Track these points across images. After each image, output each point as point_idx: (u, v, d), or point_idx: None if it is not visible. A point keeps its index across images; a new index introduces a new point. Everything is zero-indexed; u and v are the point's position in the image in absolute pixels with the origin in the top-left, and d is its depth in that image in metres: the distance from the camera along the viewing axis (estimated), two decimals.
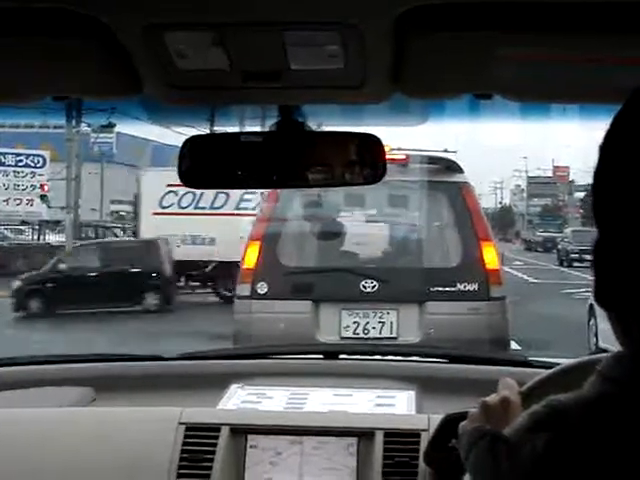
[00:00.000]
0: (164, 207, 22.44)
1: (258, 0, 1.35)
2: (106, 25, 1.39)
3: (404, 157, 7.90)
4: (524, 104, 1.84)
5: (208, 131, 2.02)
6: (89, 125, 37.74)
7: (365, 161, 1.90)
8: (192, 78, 1.62)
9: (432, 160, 8.28)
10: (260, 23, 1.41)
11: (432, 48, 1.47)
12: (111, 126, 38.64)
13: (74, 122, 31.99)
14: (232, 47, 1.49)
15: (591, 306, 13.25)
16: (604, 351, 1.95)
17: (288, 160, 1.89)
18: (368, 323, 7.52)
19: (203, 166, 1.92)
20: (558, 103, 1.80)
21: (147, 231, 22.54)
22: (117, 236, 34.91)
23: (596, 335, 12.73)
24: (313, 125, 1.88)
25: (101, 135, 41.52)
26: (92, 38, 1.44)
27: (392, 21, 1.36)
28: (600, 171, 1.05)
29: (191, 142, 1.90)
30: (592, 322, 13.19)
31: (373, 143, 1.88)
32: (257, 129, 1.98)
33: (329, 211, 8.16)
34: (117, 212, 49.73)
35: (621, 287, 1.00)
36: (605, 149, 1.05)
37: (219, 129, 2.03)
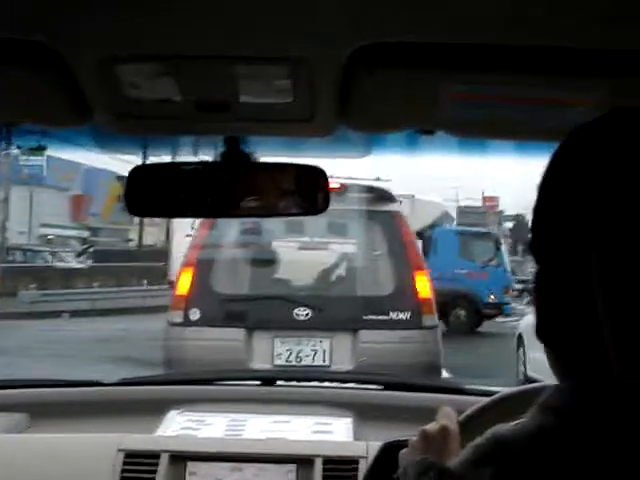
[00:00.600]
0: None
1: (210, 34, 1.38)
2: (59, 55, 1.40)
3: (339, 186, 7.95)
4: (462, 140, 1.90)
5: (156, 160, 2.03)
6: (19, 147, 37.19)
7: (309, 192, 1.93)
8: (143, 108, 1.64)
9: (367, 189, 8.34)
10: (211, 56, 1.43)
11: (379, 84, 1.51)
12: (41, 149, 38.17)
13: (3, 144, 31.50)
14: (183, 78, 1.51)
15: (520, 335, 13.41)
16: (533, 381, 2.00)
17: (233, 190, 1.91)
18: (301, 351, 7.51)
19: (149, 195, 1.93)
20: (498, 139, 1.85)
21: (178, 252, 21.75)
22: (46, 260, 34.42)
23: (524, 364, 12.88)
24: (259, 156, 1.91)
25: (31, 157, 40.92)
26: (45, 67, 1.45)
27: (342, 59, 1.39)
28: (538, 209, 1.07)
29: (138, 171, 1.92)
30: (520, 351, 13.35)
31: (317, 175, 1.91)
32: (202, 159, 2.01)
33: (263, 238, 8.17)
34: (46, 236, 49.00)
35: (561, 323, 1.02)
36: (543, 188, 1.07)
37: (163, 159, 2.05)
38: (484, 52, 1.38)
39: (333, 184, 8.04)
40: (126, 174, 1.89)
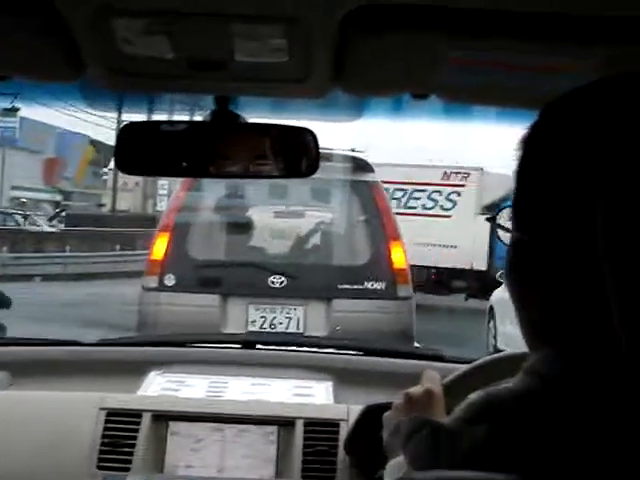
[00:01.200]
0: None
1: None
2: (53, 7, 1.39)
3: None
4: (449, 105, 1.91)
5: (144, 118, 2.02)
6: None
7: (299, 154, 1.93)
8: (136, 64, 1.63)
9: (344, 158, 8.34)
10: (207, 14, 1.43)
11: (375, 47, 1.51)
12: (14, 110, 37.79)
13: None
14: (178, 35, 1.51)
15: (491, 308, 13.51)
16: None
17: (222, 150, 1.91)
18: (275, 318, 7.54)
19: (138, 153, 1.93)
20: (493, 106, 1.86)
21: None
22: (18, 223, 34.20)
23: (495, 337, 12.98)
24: (248, 117, 1.91)
25: (4, 119, 40.58)
26: (38, 18, 1.44)
27: (338, 19, 1.39)
28: (527, 171, 1.07)
29: (128, 128, 1.91)
30: (491, 324, 13.45)
31: (308, 136, 1.92)
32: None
33: (241, 204, 8.16)
34: (18, 198, 48.67)
35: (545, 292, 1.04)
36: (533, 146, 1.06)
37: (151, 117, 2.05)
38: (481, 17, 1.39)
39: None
40: (99, 138, 1.88)
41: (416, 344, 7.21)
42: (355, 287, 7.55)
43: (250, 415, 2.38)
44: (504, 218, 1.16)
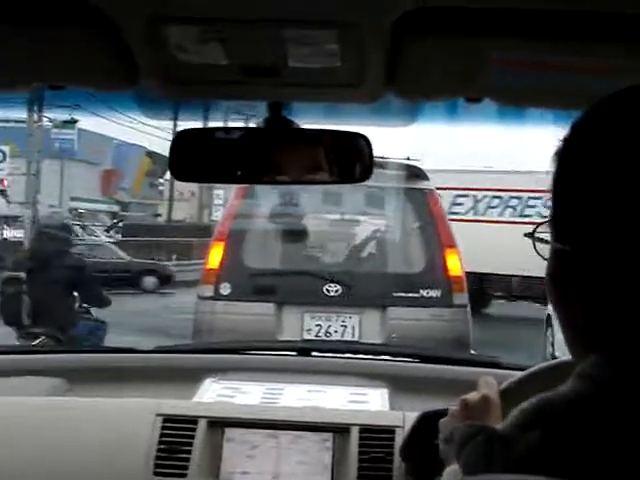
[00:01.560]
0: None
1: None
2: (108, 16, 1.40)
3: None
4: (505, 109, 1.89)
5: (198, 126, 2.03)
6: (51, 120, 37.40)
7: (353, 159, 1.93)
8: (190, 72, 1.64)
9: (398, 166, 8.32)
10: (260, 20, 1.43)
11: (428, 51, 1.51)
12: (73, 122, 38.33)
13: (36, 117, 31.72)
14: (231, 42, 1.51)
15: (548, 316, 13.37)
16: None
17: (276, 157, 1.91)
18: (330, 326, 7.54)
19: (192, 160, 1.94)
20: (543, 109, 1.84)
21: None
22: (76, 234, 34.64)
23: (552, 345, 12.85)
24: (302, 123, 1.91)
25: (63, 131, 41.13)
26: (93, 28, 1.46)
27: (391, 22, 1.39)
28: (572, 180, 1.05)
29: (182, 136, 1.93)
30: (549, 332, 13.32)
31: (361, 142, 1.91)
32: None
33: (296, 212, 8.18)
34: (76, 210, 49.31)
35: (590, 299, 1.03)
36: (580, 153, 1.05)
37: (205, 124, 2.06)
38: (531, 18, 1.37)
39: None
40: (155, 149, 1.90)
41: (472, 352, 7.17)
42: (410, 295, 7.52)
43: (305, 422, 2.37)
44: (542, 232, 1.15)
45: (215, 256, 7.71)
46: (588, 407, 0.99)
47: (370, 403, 2.60)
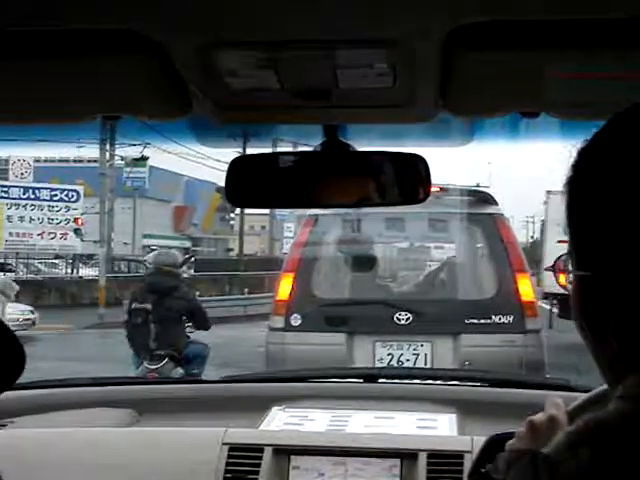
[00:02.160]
0: None
1: (308, 19, 1.37)
2: (158, 44, 1.41)
3: (439, 189, 7.88)
4: (567, 124, 1.86)
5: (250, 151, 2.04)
6: (122, 158, 38.10)
7: (411, 180, 1.91)
8: (241, 98, 1.64)
9: (467, 192, 8.27)
10: (309, 41, 1.43)
11: (480, 65, 1.49)
12: (144, 159, 38.99)
13: (108, 156, 32.33)
14: (282, 65, 1.51)
15: None
16: None
17: (332, 180, 1.90)
18: (402, 355, 7.49)
19: (248, 186, 1.94)
20: (602, 121, 1.80)
21: (550, 259, 20.93)
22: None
23: None
24: (357, 146, 1.90)
25: (134, 169, 41.87)
26: (144, 57, 1.47)
27: (441, 39, 1.37)
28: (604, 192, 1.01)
29: (237, 162, 1.93)
30: None
31: (418, 162, 1.89)
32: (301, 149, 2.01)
33: (364, 242, 8.17)
34: (149, 246, 49.97)
35: (621, 322, 1.00)
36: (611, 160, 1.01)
37: (258, 150, 2.06)
38: (585, 28, 1.35)
39: (434, 188, 7.97)
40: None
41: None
42: (482, 321, 7.44)
43: (373, 448, 2.35)
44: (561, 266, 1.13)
45: (285, 287, 7.73)
46: (636, 425, 0.96)
47: (438, 429, 2.57)
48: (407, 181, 1.92)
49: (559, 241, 20.91)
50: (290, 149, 2.01)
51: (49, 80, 1.56)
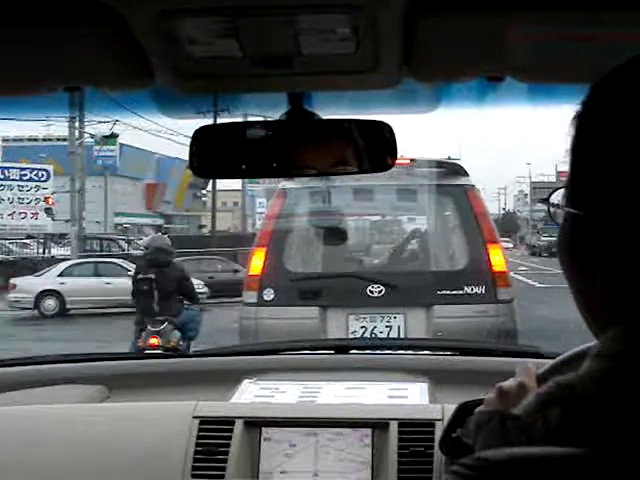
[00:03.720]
0: None
1: None
2: (118, 13, 1.39)
3: (408, 161, 7.88)
4: (534, 88, 1.84)
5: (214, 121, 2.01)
6: (92, 136, 37.83)
7: (376, 148, 1.90)
8: (203, 66, 1.62)
9: (438, 164, 8.28)
10: (271, 7, 1.41)
11: (444, 30, 1.47)
12: (114, 137, 38.75)
13: (77, 134, 32.10)
14: (243, 32, 1.49)
15: None
16: None
17: (300, 149, 1.89)
18: (375, 327, 7.52)
19: (213, 156, 1.92)
20: (569, 84, 1.79)
21: None
22: (122, 248, 34.95)
23: None
24: (324, 115, 1.88)
25: (104, 147, 41.60)
26: (103, 26, 1.44)
27: (404, 3, 1.36)
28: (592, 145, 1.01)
29: (201, 133, 1.91)
30: None
31: (384, 129, 1.88)
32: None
33: (335, 215, 8.17)
34: (121, 224, 49.81)
35: (608, 268, 0.99)
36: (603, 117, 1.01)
37: (226, 119, 2.03)
38: None
39: (403, 160, 7.98)
40: None
41: None
42: (454, 292, 7.48)
43: (344, 418, 2.35)
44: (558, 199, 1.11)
45: (257, 262, 7.73)
46: (607, 384, 0.95)
47: (409, 398, 2.57)
48: (374, 149, 1.91)
49: None
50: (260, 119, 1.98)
51: (6, 50, 1.53)
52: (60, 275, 23.79)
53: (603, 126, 1.00)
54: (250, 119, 2.01)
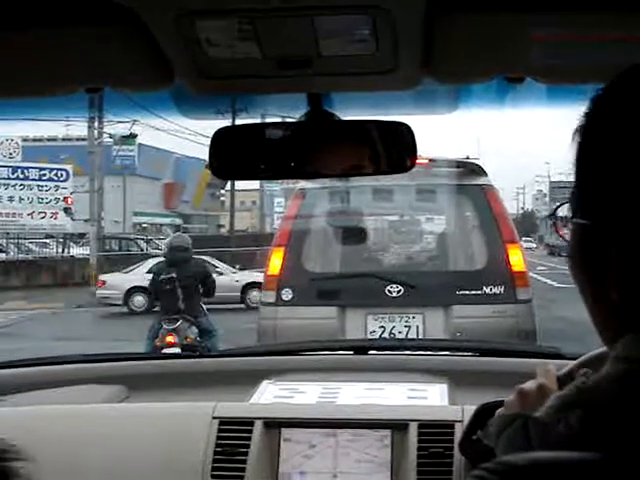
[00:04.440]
0: None
1: None
2: (137, 15, 1.39)
3: (426, 161, 7.85)
4: (553, 89, 1.84)
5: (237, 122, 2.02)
6: (111, 136, 37.95)
7: (396, 149, 1.90)
8: (223, 67, 1.62)
9: (456, 164, 8.25)
10: (290, 9, 1.41)
11: (463, 31, 1.47)
12: (132, 137, 38.88)
13: (96, 134, 32.20)
14: (263, 34, 1.49)
15: None
16: None
17: (319, 150, 1.88)
18: (394, 327, 7.50)
19: (233, 158, 1.92)
20: (588, 85, 1.78)
21: None
22: (141, 248, 35.07)
23: None
24: (342, 115, 1.88)
25: (123, 147, 41.74)
26: (124, 28, 1.45)
27: (423, 3, 1.35)
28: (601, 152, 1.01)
29: (221, 134, 1.91)
30: None
31: (404, 130, 1.87)
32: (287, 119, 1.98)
33: (355, 215, 8.16)
34: (140, 224, 49.95)
35: (620, 276, 0.99)
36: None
37: (245, 120, 2.04)
38: None
39: (422, 160, 7.96)
40: None
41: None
42: (473, 292, 7.45)
43: (363, 419, 2.34)
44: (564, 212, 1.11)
45: (275, 262, 7.73)
46: (628, 386, 0.95)
47: (429, 399, 2.57)
48: (393, 150, 1.90)
49: None
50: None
51: (27, 52, 1.54)
52: (149, 272, 23.92)
53: (608, 136, 1.00)
54: (269, 120, 2.02)
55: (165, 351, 8.83)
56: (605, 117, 1.02)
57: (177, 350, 9.01)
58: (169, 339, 9.43)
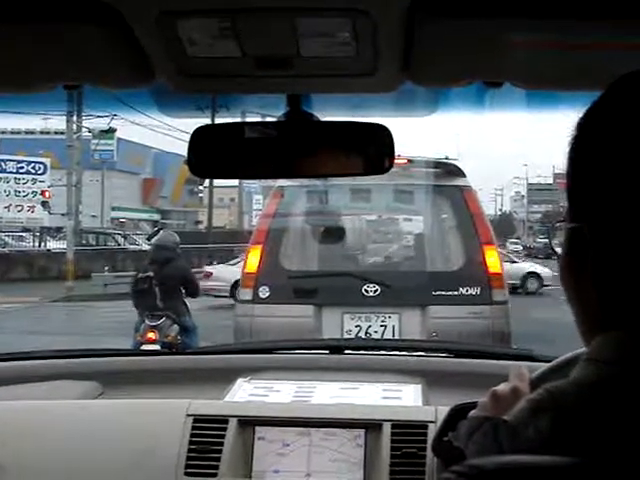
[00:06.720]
0: None
1: None
2: (119, 12, 1.39)
3: (405, 161, 7.88)
4: (532, 94, 1.85)
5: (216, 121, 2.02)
6: (89, 130, 37.78)
7: (374, 151, 1.90)
8: (203, 66, 1.63)
9: (435, 164, 8.28)
10: (271, 9, 1.41)
11: (443, 35, 1.48)
12: (111, 131, 38.72)
13: (75, 128, 32.06)
14: (243, 34, 1.49)
15: None
16: None
17: (297, 150, 1.89)
18: (370, 327, 7.53)
19: (212, 156, 1.92)
20: (567, 91, 1.80)
21: None
22: (119, 243, 34.94)
23: None
24: (321, 116, 1.88)
25: (102, 142, 41.55)
26: (104, 26, 1.45)
27: (404, 7, 1.36)
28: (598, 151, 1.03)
29: (199, 133, 1.91)
30: None
31: (382, 132, 1.88)
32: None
33: (333, 214, 8.17)
34: (118, 219, 49.78)
35: (604, 277, 1.01)
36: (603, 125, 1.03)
37: (225, 118, 2.04)
38: None
39: (400, 160, 7.99)
40: None
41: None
42: (450, 293, 7.49)
43: (337, 418, 2.35)
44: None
45: (253, 259, 7.74)
46: (598, 390, 0.97)
47: (403, 399, 2.58)
48: (371, 151, 1.91)
49: None
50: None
51: (7, 48, 1.54)
52: None
53: (601, 142, 1.02)
54: (249, 118, 2.02)
55: (144, 347, 8.78)
56: (596, 130, 1.04)
57: (157, 347, 8.93)
58: (150, 335, 9.39)
